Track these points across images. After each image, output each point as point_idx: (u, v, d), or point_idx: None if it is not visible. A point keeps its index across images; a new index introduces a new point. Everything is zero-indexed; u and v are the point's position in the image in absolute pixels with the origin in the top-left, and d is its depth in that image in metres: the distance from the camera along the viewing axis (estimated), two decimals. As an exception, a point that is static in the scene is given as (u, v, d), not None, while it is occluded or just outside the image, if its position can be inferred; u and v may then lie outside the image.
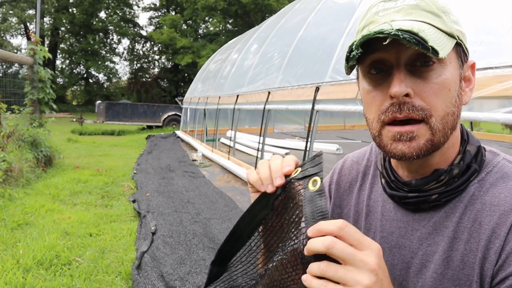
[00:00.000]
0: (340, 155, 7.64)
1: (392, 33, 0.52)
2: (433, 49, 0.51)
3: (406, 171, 0.68)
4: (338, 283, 0.47)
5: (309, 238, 0.49)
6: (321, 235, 0.48)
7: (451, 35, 0.58)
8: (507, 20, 2.36)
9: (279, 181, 0.58)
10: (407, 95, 0.57)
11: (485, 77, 2.22)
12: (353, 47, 0.56)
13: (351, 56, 0.57)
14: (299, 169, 0.57)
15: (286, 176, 0.59)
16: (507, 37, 2.30)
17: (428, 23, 0.57)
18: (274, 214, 0.60)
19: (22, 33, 33.30)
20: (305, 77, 4.72)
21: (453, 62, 0.60)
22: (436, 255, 0.63)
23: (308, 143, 4.34)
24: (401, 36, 0.52)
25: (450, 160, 0.65)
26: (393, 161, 0.71)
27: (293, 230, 0.55)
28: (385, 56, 0.59)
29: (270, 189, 0.59)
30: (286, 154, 7.76)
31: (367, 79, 0.63)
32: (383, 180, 0.72)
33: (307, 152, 4.31)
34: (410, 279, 0.65)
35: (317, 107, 4.19)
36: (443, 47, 0.54)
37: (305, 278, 0.49)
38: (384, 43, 0.54)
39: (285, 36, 6.56)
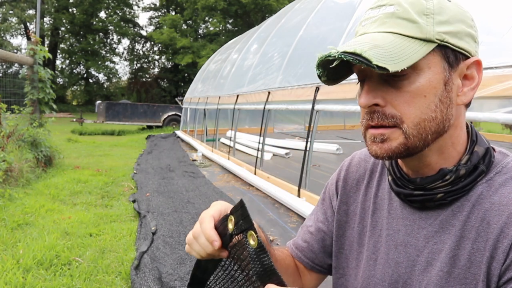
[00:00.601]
0: (340, 155, 7.64)
1: (337, 57, 0.56)
2: (378, 66, 0.53)
3: (409, 170, 0.68)
4: None
5: None
6: None
7: (428, 40, 0.58)
8: (507, 20, 2.36)
9: (215, 244, 0.60)
10: (377, 104, 0.60)
11: (485, 77, 2.22)
12: (315, 67, 0.62)
13: (318, 74, 0.63)
14: (232, 218, 0.58)
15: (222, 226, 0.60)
16: (507, 37, 2.30)
17: (396, 33, 0.58)
18: (230, 257, 0.62)
19: (22, 33, 33.32)
20: (305, 77, 4.72)
21: (434, 66, 0.59)
22: (443, 254, 0.63)
23: (308, 143, 4.34)
24: (345, 59, 0.55)
25: (452, 159, 0.65)
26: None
27: (252, 280, 0.56)
28: (362, 67, 0.60)
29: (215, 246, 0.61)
30: (286, 154, 7.71)
31: (359, 86, 0.67)
32: (389, 177, 0.72)
33: (307, 152, 4.31)
34: (415, 277, 0.66)
35: (317, 107, 4.20)
36: (404, 59, 0.55)
37: None
38: (331, 66, 0.59)
39: (285, 36, 6.56)
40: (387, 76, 0.59)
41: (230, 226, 0.57)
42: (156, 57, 37.42)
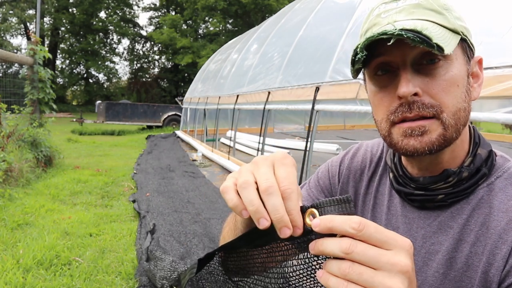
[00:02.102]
0: (340, 155, 7.62)
1: (395, 33, 0.52)
2: (438, 46, 0.51)
3: (416, 169, 0.67)
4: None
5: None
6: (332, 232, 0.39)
7: (455, 31, 0.58)
8: (507, 20, 2.36)
9: (298, 232, 0.42)
10: (415, 94, 0.57)
11: (485, 77, 2.21)
12: (358, 50, 0.56)
13: (356, 59, 0.57)
14: (315, 212, 0.43)
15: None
16: (507, 37, 2.30)
17: (431, 21, 0.57)
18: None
19: (22, 33, 33.31)
20: (305, 77, 4.72)
21: (459, 58, 0.60)
22: (439, 255, 0.63)
23: (308, 143, 4.33)
24: (405, 36, 0.51)
25: (458, 159, 0.64)
26: (403, 157, 0.70)
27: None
28: (391, 59, 0.59)
29: (285, 234, 0.42)
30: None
31: (373, 81, 0.63)
32: (391, 175, 0.72)
33: (307, 152, 4.31)
34: None
35: (317, 107, 4.19)
36: (448, 43, 0.54)
37: (321, 275, 0.40)
38: (388, 44, 0.53)
39: (285, 36, 6.56)
40: (419, 65, 0.58)
41: (309, 221, 0.43)
42: (156, 57, 37.45)
